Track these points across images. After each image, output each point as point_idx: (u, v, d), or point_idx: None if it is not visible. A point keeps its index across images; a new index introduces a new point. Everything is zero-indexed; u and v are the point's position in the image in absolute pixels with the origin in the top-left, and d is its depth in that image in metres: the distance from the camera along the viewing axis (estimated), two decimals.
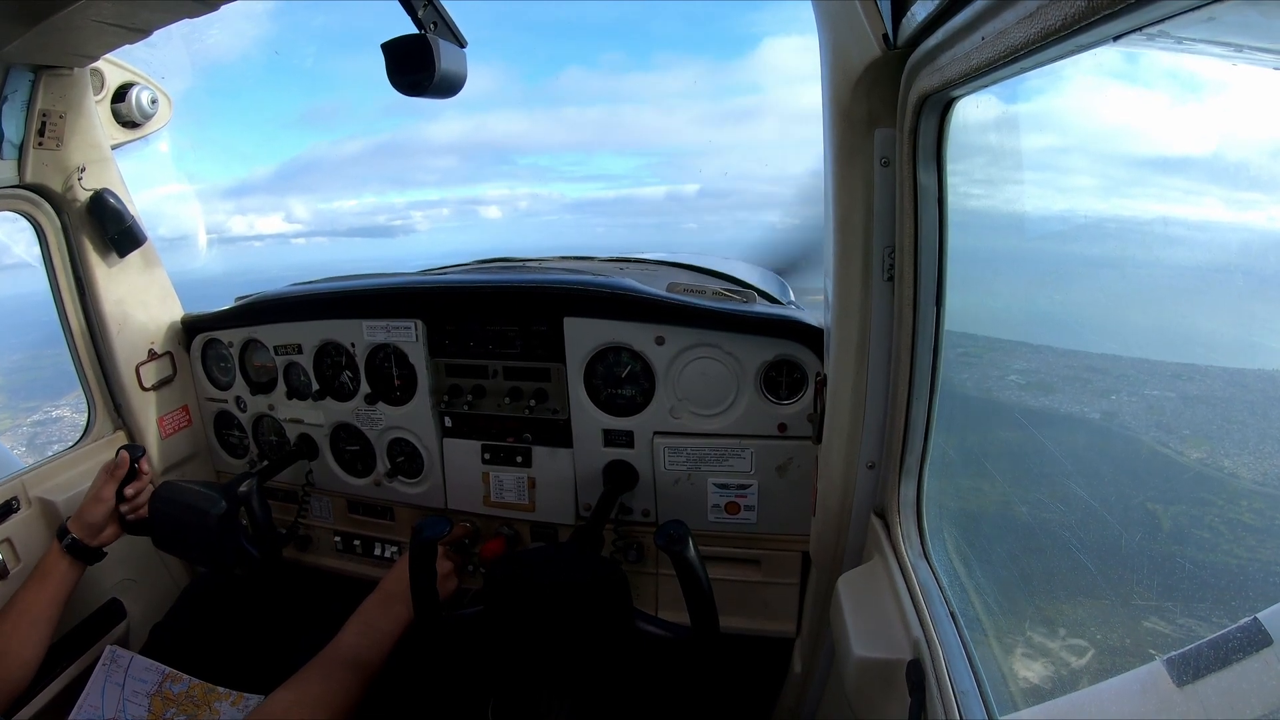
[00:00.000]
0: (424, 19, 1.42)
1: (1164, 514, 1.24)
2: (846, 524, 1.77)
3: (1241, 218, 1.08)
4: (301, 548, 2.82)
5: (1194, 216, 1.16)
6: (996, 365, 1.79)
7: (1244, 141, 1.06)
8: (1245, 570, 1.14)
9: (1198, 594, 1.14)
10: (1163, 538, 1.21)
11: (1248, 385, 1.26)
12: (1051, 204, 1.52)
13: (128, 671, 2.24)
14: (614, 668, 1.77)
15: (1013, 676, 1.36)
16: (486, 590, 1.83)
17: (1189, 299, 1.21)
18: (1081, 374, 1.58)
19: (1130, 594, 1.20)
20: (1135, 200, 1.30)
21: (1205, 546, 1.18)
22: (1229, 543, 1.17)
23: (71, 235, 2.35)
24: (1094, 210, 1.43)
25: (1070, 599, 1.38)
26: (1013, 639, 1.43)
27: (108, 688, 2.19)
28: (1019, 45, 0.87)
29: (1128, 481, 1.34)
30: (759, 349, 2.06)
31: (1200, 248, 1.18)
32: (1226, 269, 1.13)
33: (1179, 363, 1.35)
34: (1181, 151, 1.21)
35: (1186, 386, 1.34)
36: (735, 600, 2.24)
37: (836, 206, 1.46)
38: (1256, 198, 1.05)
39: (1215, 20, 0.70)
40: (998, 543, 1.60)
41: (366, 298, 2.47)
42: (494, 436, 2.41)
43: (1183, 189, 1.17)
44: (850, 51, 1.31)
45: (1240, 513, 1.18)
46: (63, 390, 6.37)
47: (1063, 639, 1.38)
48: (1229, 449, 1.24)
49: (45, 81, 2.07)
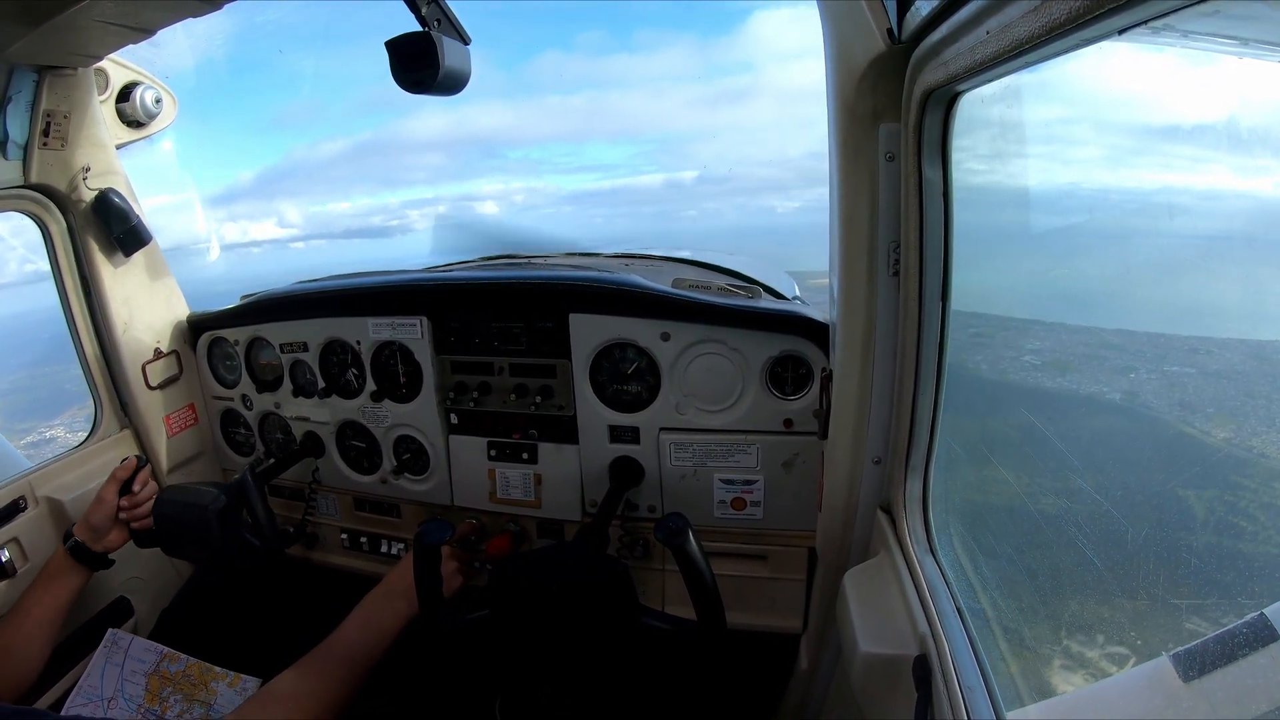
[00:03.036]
0: (428, 16, 1.42)
1: (1196, 501, 1.21)
2: (852, 519, 1.77)
3: (1249, 185, 1.07)
4: (309, 545, 2.83)
5: (1202, 185, 1.15)
6: (1010, 345, 1.77)
7: (1252, 107, 1.05)
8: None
9: (1243, 588, 1.12)
10: (1198, 527, 1.18)
11: (1266, 357, 1.24)
12: (1057, 182, 1.51)
13: (127, 652, 2.26)
14: (621, 665, 1.77)
15: (1020, 672, 1.36)
16: (493, 591, 1.83)
17: (1198, 270, 1.20)
18: (1098, 351, 1.56)
19: (1162, 591, 1.18)
20: (1142, 171, 1.30)
21: (1245, 536, 1.16)
22: (1270, 530, 1.15)
23: (77, 235, 2.36)
24: (1100, 183, 1.42)
25: (1087, 595, 1.37)
26: (1020, 635, 1.43)
27: (107, 669, 2.21)
28: (1024, 39, 0.87)
29: (1156, 467, 1.32)
30: (764, 344, 2.06)
31: (1206, 216, 1.17)
32: (1233, 237, 1.12)
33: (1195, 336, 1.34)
34: (1190, 120, 1.19)
35: (1205, 361, 1.32)
36: (741, 596, 2.23)
37: (842, 202, 1.45)
38: (1266, 163, 1.03)
39: (1221, 14, 0.70)
40: (1005, 537, 1.60)
41: (372, 295, 2.48)
42: (500, 433, 2.41)
43: (1190, 157, 1.16)
44: (855, 46, 1.31)
45: (1276, 496, 1.16)
46: (58, 409, 6.40)
47: (1073, 636, 1.37)
48: (1256, 427, 1.22)
49: (49, 82, 2.07)
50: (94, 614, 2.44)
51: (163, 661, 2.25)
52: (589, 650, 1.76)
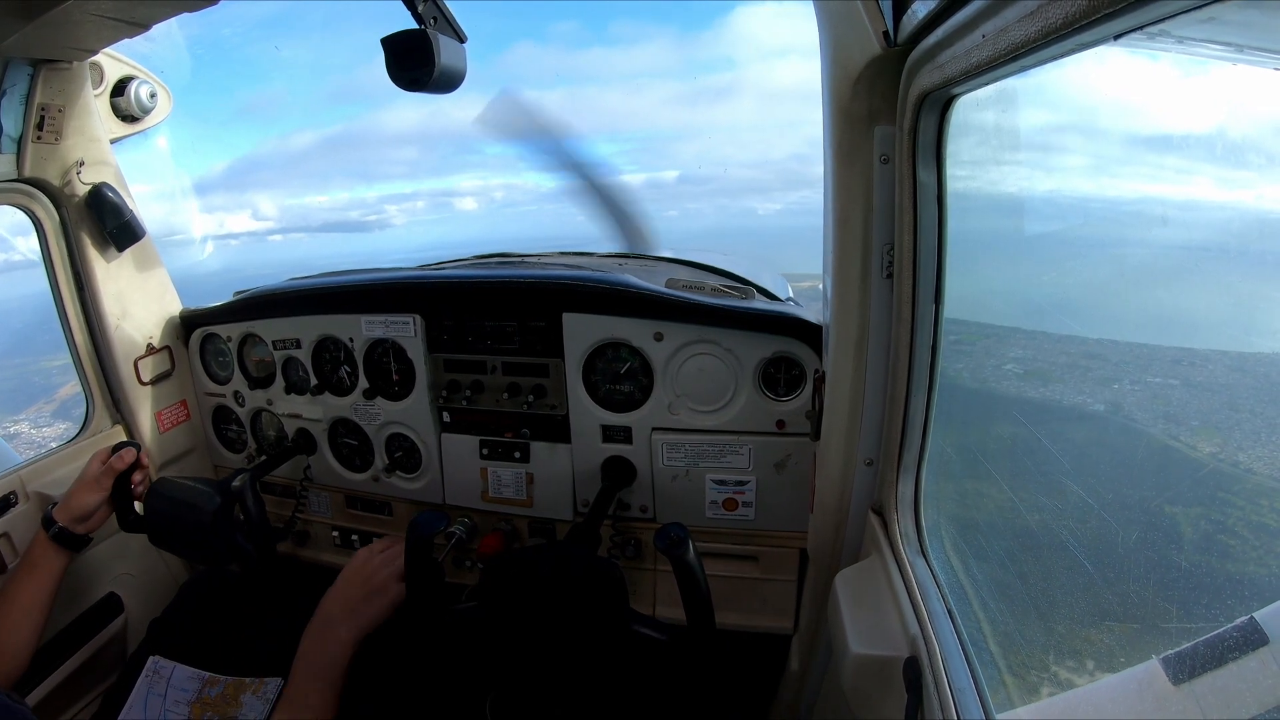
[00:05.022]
0: (424, 14, 1.41)
1: (1184, 517, 1.22)
2: (844, 521, 1.77)
3: (1238, 195, 1.07)
4: (300, 543, 2.83)
5: (1191, 194, 1.15)
6: (992, 354, 1.78)
7: (1239, 120, 1.05)
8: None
9: (1232, 591, 1.12)
10: (1187, 531, 1.19)
11: (1248, 370, 1.25)
12: (1049, 187, 1.51)
13: (169, 682, 2.24)
14: (611, 665, 1.77)
15: (1010, 674, 1.37)
16: (483, 588, 1.83)
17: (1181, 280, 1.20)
18: (1080, 361, 1.57)
19: (1151, 594, 1.18)
20: (1133, 179, 1.30)
21: (1232, 556, 1.15)
22: (1258, 550, 1.14)
23: (70, 229, 2.34)
24: (1084, 192, 1.43)
25: (1077, 597, 1.37)
26: (1010, 636, 1.44)
27: (150, 699, 2.19)
28: (1019, 43, 0.87)
29: (1145, 469, 1.32)
30: (758, 345, 2.06)
31: (1196, 227, 1.17)
32: (1216, 249, 1.12)
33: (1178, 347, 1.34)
34: (1183, 128, 1.20)
35: (1189, 373, 1.33)
36: (733, 597, 2.24)
37: (836, 203, 1.46)
38: (1256, 174, 1.03)
39: (1216, 20, 0.70)
40: (995, 540, 1.61)
41: (365, 292, 2.47)
42: (492, 432, 2.41)
43: (1179, 167, 1.16)
44: (850, 49, 1.31)
45: (1263, 514, 1.16)
46: (20, 405, 6.30)
47: (1063, 639, 1.38)
48: (1241, 441, 1.22)
49: (44, 75, 2.06)
50: (84, 610, 2.43)
51: (205, 688, 2.24)
52: (579, 649, 1.76)
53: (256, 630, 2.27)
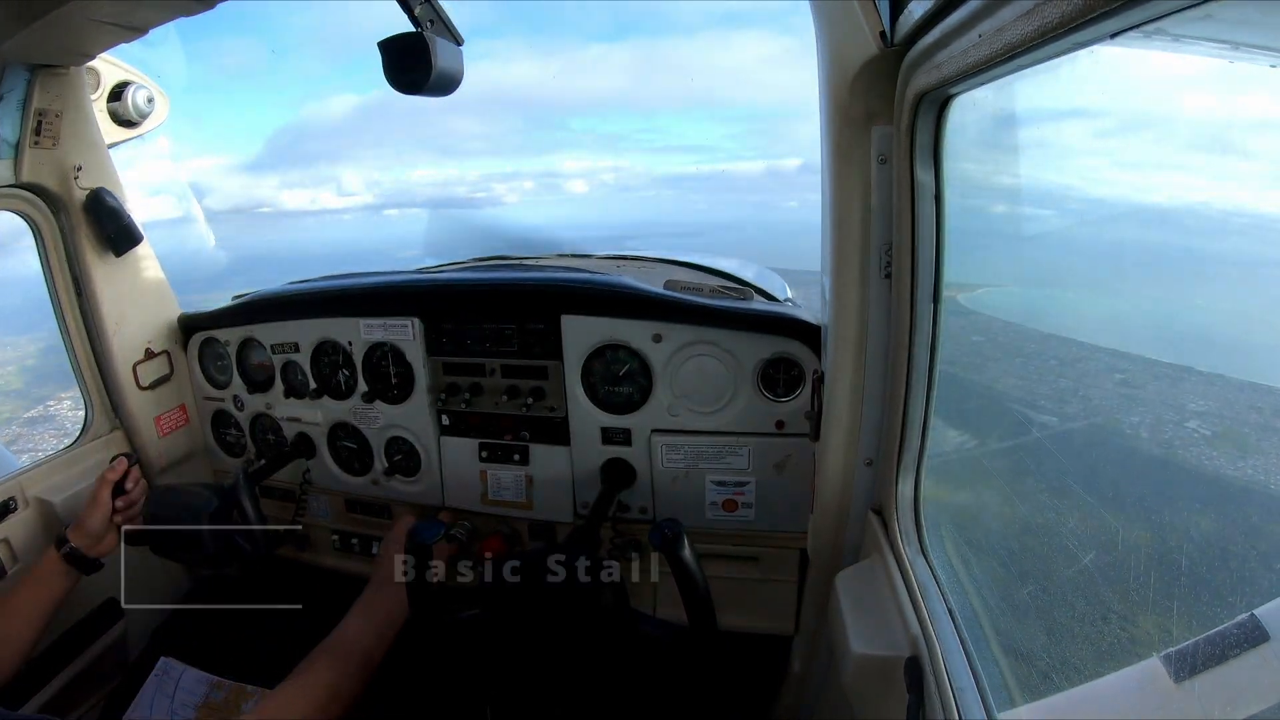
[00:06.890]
0: (420, 16, 1.42)
1: (1189, 499, 1.21)
2: (844, 521, 1.77)
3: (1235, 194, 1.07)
4: (300, 546, 2.82)
5: (1188, 194, 1.15)
6: (985, 355, 1.78)
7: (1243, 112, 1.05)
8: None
9: (1234, 589, 1.11)
10: (1191, 528, 1.18)
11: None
12: (1046, 186, 1.52)
13: (178, 684, 2.25)
14: (612, 669, 1.77)
15: (1010, 673, 1.36)
16: (485, 593, 1.83)
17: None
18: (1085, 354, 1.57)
19: (1152, 592, 1.17)
20: (1131, 177, 1.31)
21: (1238, 538, 1.14)
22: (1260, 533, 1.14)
23: (68, 234, 2.34)
24: (1090, 188, 1.43)
25: (1077, 595, 1.37)
26: (1011, 635, 1.43)
27: (158, 699, 2.20)
28: (1016, 43, 0.87)
29: (1148, 470, 1.32)
30: (757, 346, 2.06)
31: (1192, 229, 1.17)
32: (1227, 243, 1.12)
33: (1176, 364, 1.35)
34: (1182, 126, 1.20)
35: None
36: (733, 598, 2.23)
37: (834, 204, 1.46)
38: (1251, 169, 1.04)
39: (1212, 18, 0.70)
40: (996, 539, 1.60)
41: (363, 296, 2.47)
42: (491, 434, 2.40)
43: (1179, 164, 1.16)
44: (848, 49, 1.31)
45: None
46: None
47: (1064, 637, 1.37)
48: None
49: (42, 80, 2.06)
50: (84, 616, 2.42)
51: (211, 691, 2.25)
52: (581, 654, 1.76)
53: (257, 631, 2.27)
